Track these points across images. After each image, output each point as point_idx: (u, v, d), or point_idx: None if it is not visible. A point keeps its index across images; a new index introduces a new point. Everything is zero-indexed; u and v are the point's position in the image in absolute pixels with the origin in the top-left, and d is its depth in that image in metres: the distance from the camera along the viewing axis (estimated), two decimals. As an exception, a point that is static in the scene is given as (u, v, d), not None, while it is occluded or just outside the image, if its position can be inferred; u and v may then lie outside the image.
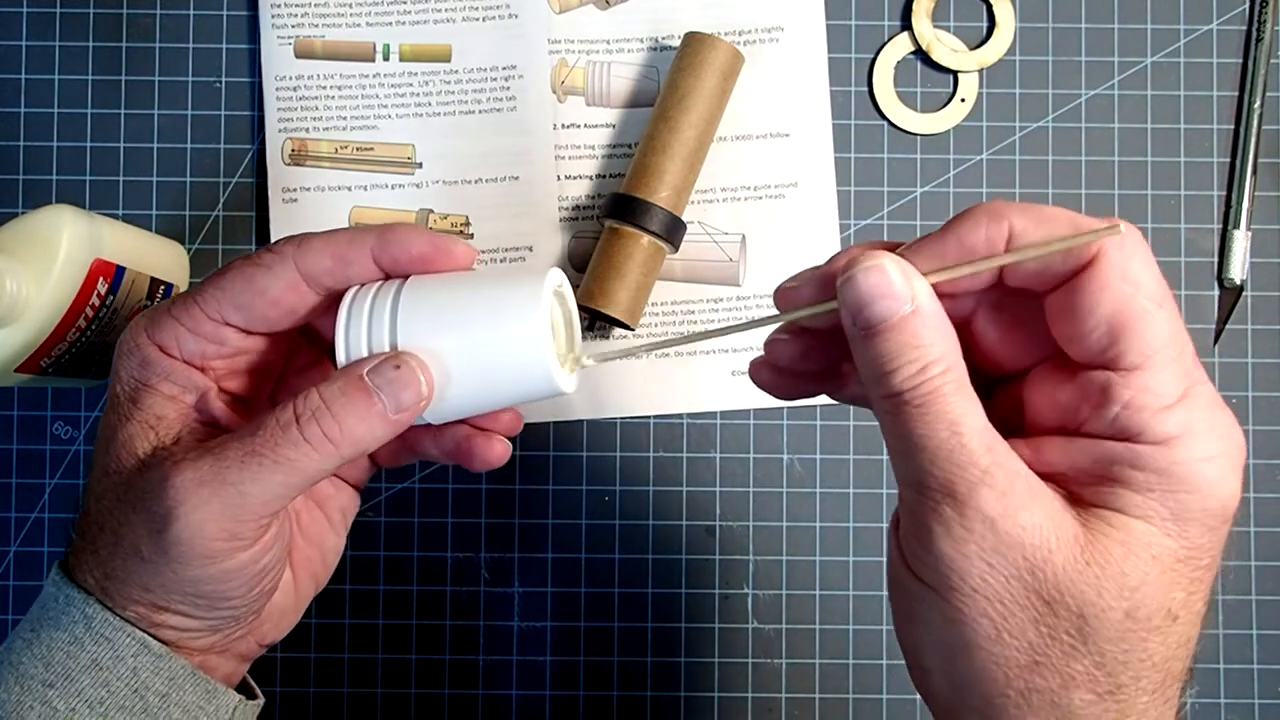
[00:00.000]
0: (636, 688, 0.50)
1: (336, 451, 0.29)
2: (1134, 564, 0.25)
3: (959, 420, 0.25)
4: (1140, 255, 0.25)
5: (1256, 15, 0.51)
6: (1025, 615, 0.25)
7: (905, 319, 0.26)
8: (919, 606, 0.26)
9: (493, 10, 0.51)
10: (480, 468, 0.35)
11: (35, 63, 0.51)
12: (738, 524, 0.50)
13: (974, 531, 0.25)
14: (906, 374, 0.25)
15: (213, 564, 0.30)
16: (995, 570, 0.25)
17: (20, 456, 0.50)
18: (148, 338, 0.32)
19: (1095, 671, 0.25)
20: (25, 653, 0.31)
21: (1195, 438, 0.25)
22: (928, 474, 0.25)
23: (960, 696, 0.26)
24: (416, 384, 0.29)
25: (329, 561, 0.37)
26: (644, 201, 0.47)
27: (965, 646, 0.25)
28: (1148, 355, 0.25)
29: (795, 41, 0.51)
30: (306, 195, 0.51)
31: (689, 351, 0.50)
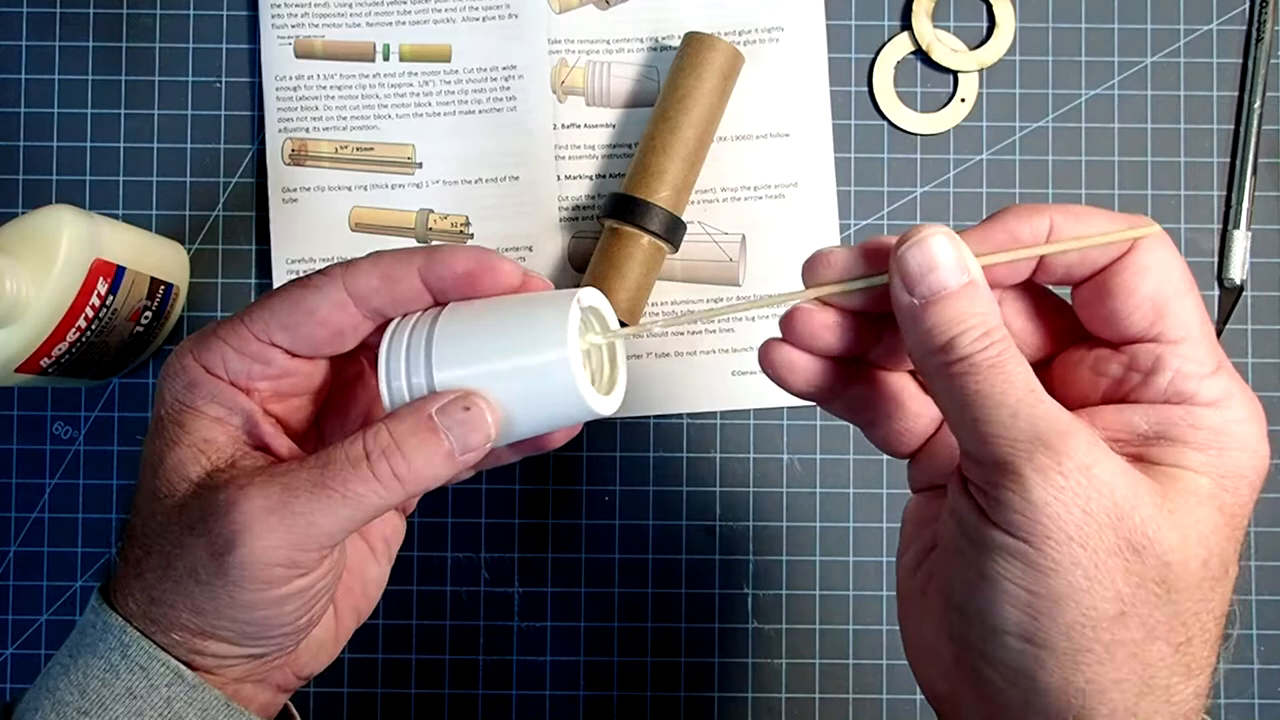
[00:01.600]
0: (636, 688, 0.50)
1: (402, 489, 0.29)
2: (1205, 514, 0.26)
3: (1031, 381, 0.26)
4: (1170, 247, 0.28)
5: (1256, 15, 0.51)
6: (1116, 563, 0.25)
7: (965, 287, 0.27)
8: (999, 563, 0.26)
9: (493, 10, 0.51)
10: (558, 442, 0.35)
11: (35, 63, 0.51)
12: (738, 524, 0.50)
13: (1070, 477, 0.25)
14: (972, 336, 0.26)
15: (269, 590, 0.30)
16: (1091, 517, 0.25)
17: (20, 456, 0.50)
18: (193, 359, 0.32)
19: (1173, 621, 0.25)
20: (62, 679, 0.31)
21: (1235, 402, 0.27)
22: (1013, 427, 0.26)
23: (1037, 656, 0.26)
24: (485, 426, 0.29)
25: (370, 593, 0.37)
26: (644, 201, 0.47)
27: (1055, 598, 0.25)
28: (1189, 329, 0.27)
29: (795, 41, 0.51)
30: (306, 195, 0.51)
31: (689, 351, 0.50)
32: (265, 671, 0.34)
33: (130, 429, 0.50)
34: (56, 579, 0.50)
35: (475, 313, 0.31)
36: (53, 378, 0.45)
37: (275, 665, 0.34)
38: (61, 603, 0.50)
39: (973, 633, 0.27)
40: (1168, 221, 0.51)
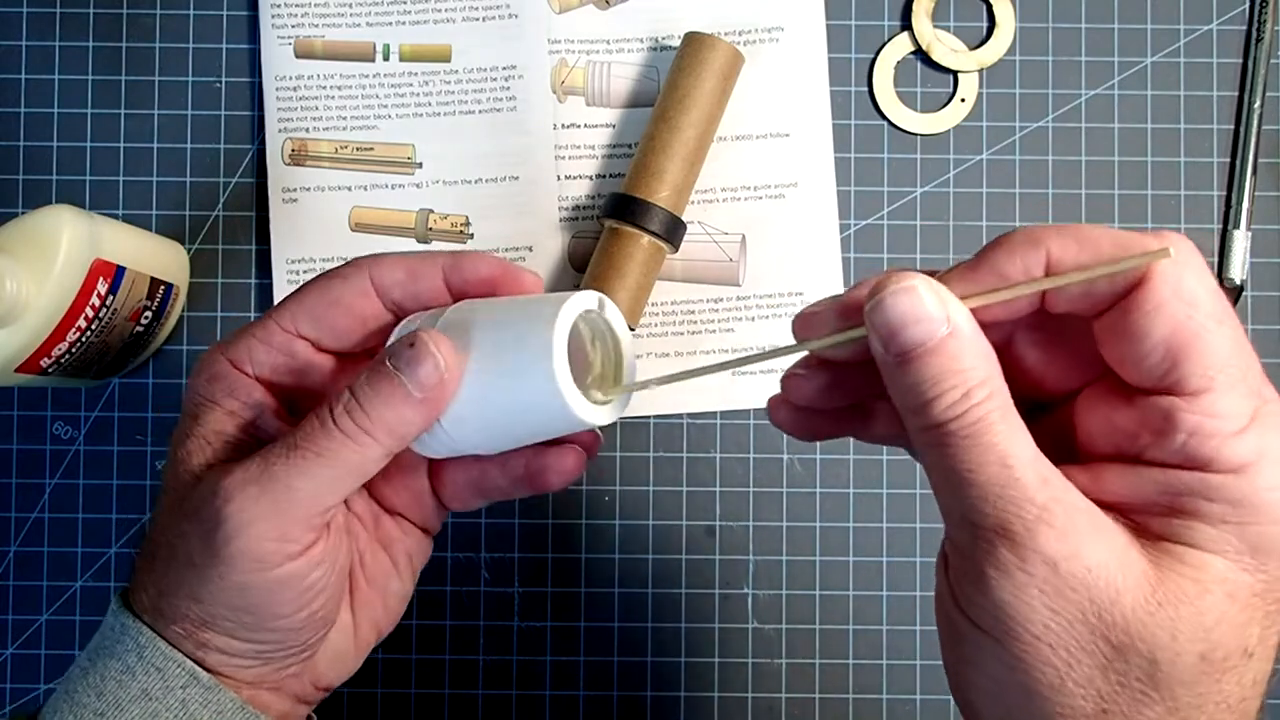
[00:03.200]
0: (636, 688, 0.50)
1: (372, 440, 0.29)
2: (1210, 603, 0.23)
3: (1009, 451, 0.23)
4: (1194, 270, 0.23)
5: (1256, 15, 0.51)
6: (1092, 662, 0.23)
7: (942, 342, 0.24)
8: (973, 651, 0.25)
9: (493, 10, 0.51)
10: (557, 482, 0.34)
11: (35, 63, 0.51)
12: (738, 524, 0.50)
13: (1035, 576, 0.23)
14: (948, 401, 0.24)
15: (261, 570, 0.30)
16: (1059, 616, 0.23)
17: (20, 456, 0.50)
18: (221, 353, 0.32)
19: (1168, 718, 0.23)
20: (80, 681, 0.32)
21: (1271, 463, 0.23)
22: (979, 512, 0.24)
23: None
24: (432, 357, 0.29)
25: (392, 607, 0.37)
26: (644, 201, 0.47)
27: (1026, 694, 0.24)
28: (1211, 377, 0.23)
29: (795, 41, 0.51)
30: (306, 195, 0.51)
31: (689, 351, 0.50)
32: (280, 679, 0.34)
33: (130, 429, 0.50)
34: (56, 579, 0.50)
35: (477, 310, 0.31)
36: (53, 378, 0.45)
37: (291, 673, 0.34)
38: (61, 603, 0.50)
39: (964, 709, 0.27)
40: (1168, 222, 0.51)
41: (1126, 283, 0.24)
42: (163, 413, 0.50)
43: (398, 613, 0.37)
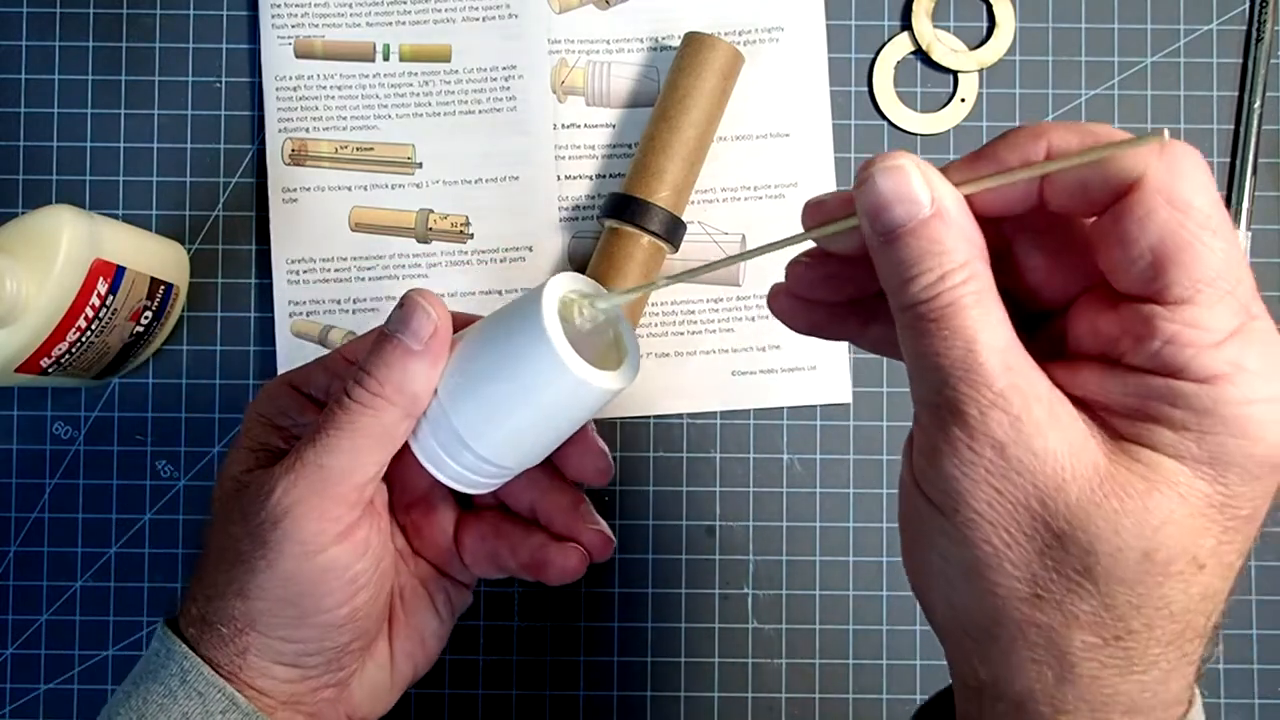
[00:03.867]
0: (636, 688, 0.50)
1: (386, 402, 0.31)
2: (1158, 501, 0.23)
3: (976, 337, 0.23)
4: (1190, 176, 0.23)
5: (1256, 15, 0.51)
6: (1031, 546, 0.23)
7: (925, 222, 0.24)
8: (925, 527, 0.25)
9: (493, 10, 0.51)
10: (556, 579, 0.36)
11: (35, 63, 0.51)
12: (738, 524, 0.50)
13: (981, 456, 0.23)
14: (924, 282, 0.24)
15: (306, 555, 0.31)
16: (1002, 497, 0.23)
17: (20, 456, 0.50)
18: (284, 378, 0.35)
19: (1102, 614, 0.23)
20: (123, 705, 0.32)
21: (1247, 377, 0.22)
22: (940, 394, 0.24)
23: (958, 622, 0.25)
24: (421, 308, 0.31)
25: (429, 645, 0.37)
26: (644, 201, 0.47)
27: (966, 571, 0.24)
28: (1197, 288, 0.22)
29: (795, 41, 0.51)
30: (306, 195, 0.51)
31: (689, 351, 0.50)
32: (316, 703, 0.34)
33: (130, 429, 0.50)
34: (56, 579, 0.50)
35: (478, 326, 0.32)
36: (53, 378, 0.45)
37: (326, 696, 0.34)
38: (61, 603, 0.50)
39: (916, 591, 0.27)
40: (1168, 221, 0.51)
41: (1121, 184, 0.23)
42: (163, 413, 0.50)
43: (435, 652, 0.38)
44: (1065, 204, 0.25)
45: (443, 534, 0.37)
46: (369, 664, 0.36)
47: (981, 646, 0.25)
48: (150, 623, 0.50)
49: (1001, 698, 0.25)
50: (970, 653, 0.25)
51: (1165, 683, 0.24)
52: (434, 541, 0.37)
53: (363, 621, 0.33)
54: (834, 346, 0.50)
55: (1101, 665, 0.24)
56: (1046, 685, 0.24)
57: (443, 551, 0.37)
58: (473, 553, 0.37)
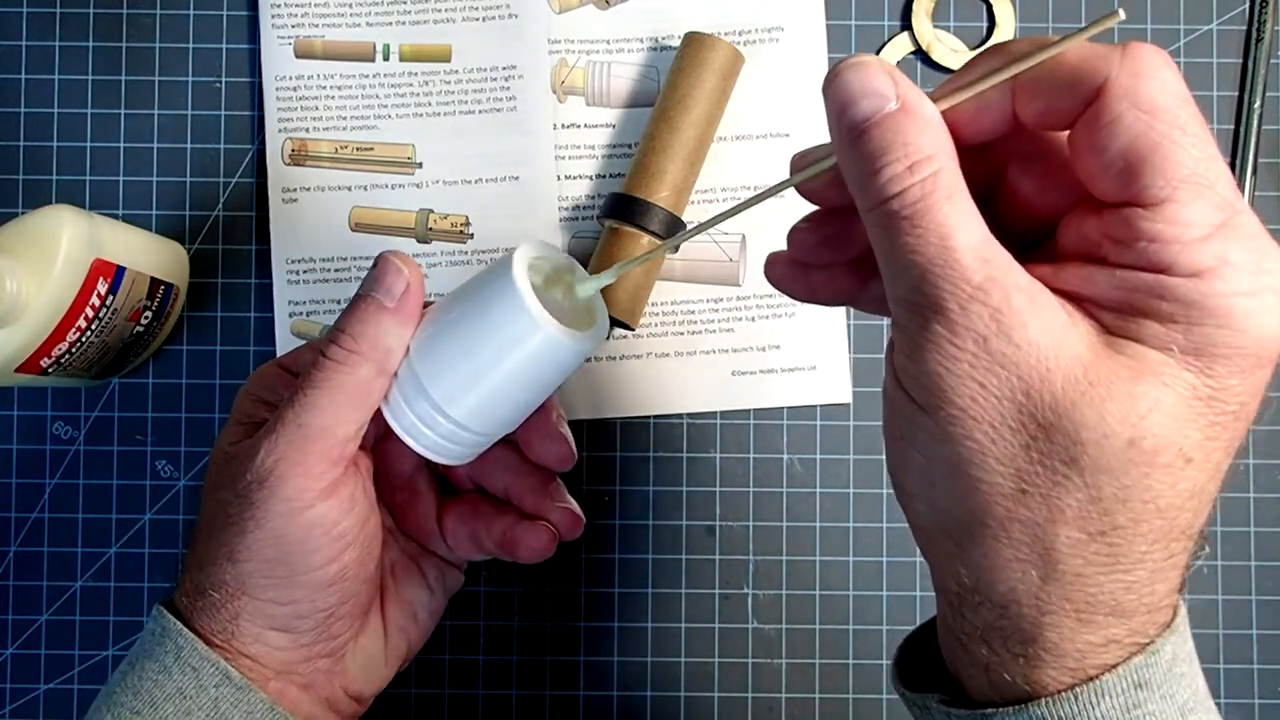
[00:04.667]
0: (637, 688, 0.50)
1: (361, 357, 0.31)
2: (1143, 389, 0.22)
3: (950, 232, 0.23)
4: (1154, 76, 0.23)
5: (1256, 15, 0.51)
6: (1015, 439, 0.23)
7: (891, 115, 0.24)
8: (907, 426, 0.25)
9: (493, 10, 0.51)
10: (527, 557, 0.37)
11: (35, 63, 0.51)
12: (738, 524, 0.50)
13: (964, 350, 0.23)
14: (892, 174, 0.23)
15: (293, 513, 0.31)
16: (986, 390, 0.23)
17: (20, 456, 0.50)
18: (274, 361, 0.36)
19: (1089, 507, 0.23)
20: (120, 684, 0.33)
21: (1232, 270, 0.22)
22: (919, 291, 0.23)
23: (939, 522, 0.25)
24: (393, 265, 0.32)
25: (422, 619, 0.38)
26: (644, 201, 0.47)
27: (949, 469, 0.24)
28: (1174, 186, 0.22)
29: (795, 41, 0.51)
30: (306, 195, 0.51)
31: (689, 351, 0.50)
32: (309, 673, 0.34)
33: (130, 429, 0.50)
34: (56, 579, 0.50)
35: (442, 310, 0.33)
36: (53, 378, 0.45)
37: (320, 667, 0.35)
38: (61, 603, 0.50)
39: (898, 491, 0.27)
40: (1168, 221, 0.51)
41: (1087, 91, 0.23)
42: (163, 413, 0.50)
43: (428, 627, 0.39)
44: (1038, 119, 0.25)
45: (426, 517, 0.38)
46: (362, 637, 0.36)
47: (964, 548, 0.25)
48: (150, 623, 0.50)
49: (985, 601, 0.25)
50: (953, 555, 0.25)
51: (1151, 584, 0.24)
52: (418, 524, 0.38)
53: (351, 583, 0.33)
54: (834, 346, 0.50)
55: (1086, 562, 0.23)
56: (1031, 585, 0.24)
57: (427, 534, 0.38)
58: (454, 534, 0.38)
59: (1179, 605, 0.25)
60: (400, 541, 0.39)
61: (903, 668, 0.30)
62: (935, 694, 0.27)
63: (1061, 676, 0.24)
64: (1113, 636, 0.24)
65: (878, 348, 0.51)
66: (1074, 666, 0.24)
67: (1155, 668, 0.24)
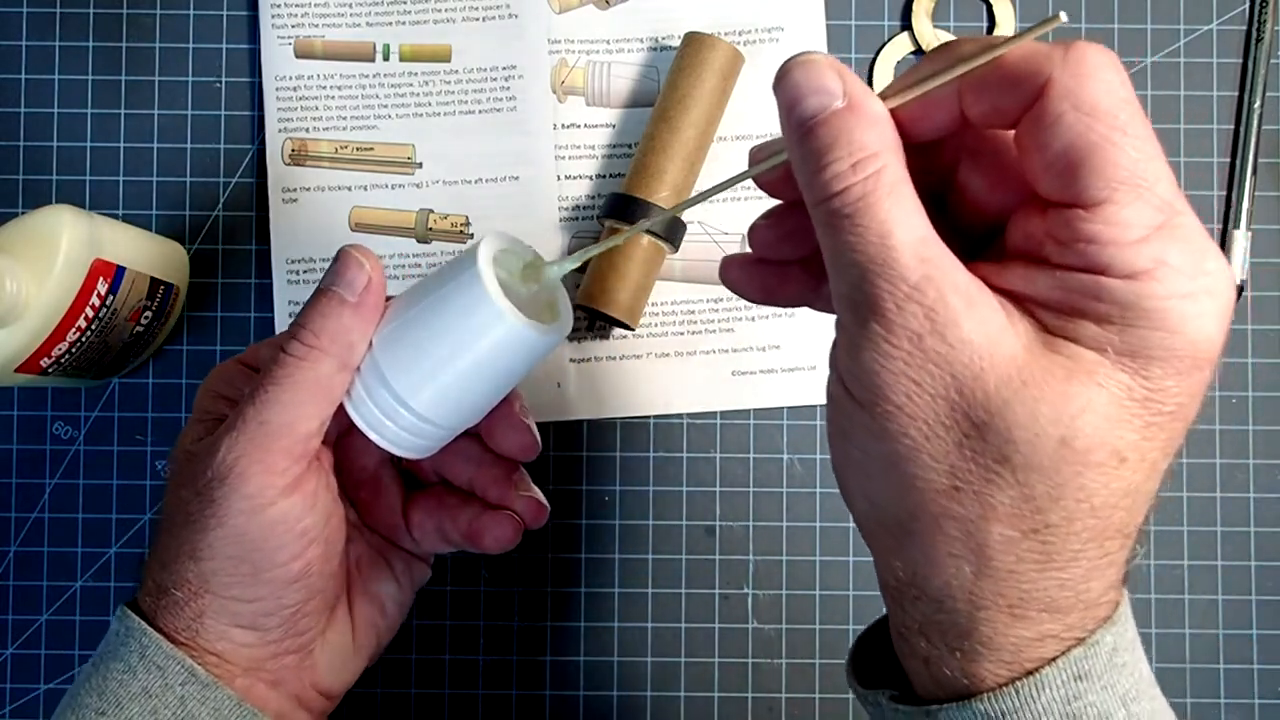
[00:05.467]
0: (637, 688, 0.50)
1: (322, 353, 0.31)
2: (1076, 389, 0.23)
3: (891, 230, 0.23)
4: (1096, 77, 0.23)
5: (1256, 15, 0.51)
6: (949, 437, 0.23)
7: (836, 114, 0.24)
8: (847, 423, 0.25)
9: (493, 10, 0.51)
10: (493, 547, 0.36)
11: (35, 63, 0.51)
12: (738, 524, 0.50)
13: (899, 348, 0.23)
14: (835, 171, 0.24)
15: (254, 510, 0.31)
16: (920, 388, 0.23)
17: (20, 456, 0.50)
18: (235, 359, 0.36)
19: (1021, 505, 0.23)
20: (84, 685, 0.33)
21: (1170, 273, 0.22)
22: (858, 289, 0.24)
23: (878, 517, 0.25)
24: (354, 260, 0.32)
25: (390, 612, 0.38)
26: (644, 201, 0.47)
27: (884, 464, 0.24)
28: (1112, 188, 0.22)
29: (795, 41, 0.51)
30: (306, 195, 0.51)
31: (689, 351, 0.50)
32: (277, 669, 0.34)
33: (130, 429, 0.50)
34: (56, 579, 0.50)
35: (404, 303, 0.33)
36: (53, 378, 0.45)
37: (287, 664, 0.34)
38: (62, 603, 0.50)
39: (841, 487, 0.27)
40: (1168, 221, 0.51)
41: (1031, 90, 0.23)
42: (163, 413, 0.50)
43: (396, 620, 0.38)
44: (984, 118, 0.25)
45: (392, 511, 0.38)
46: (330, 632, 0.36)
47: (900, 543, 0.25)
48: (150, 623, 0.50)
49: (922, 595, 0.25)
50: (891, 550, 0.26)
51: (1086, 581, 0.24)
52: (384, 519, 0.38)
53: (316, 580, 0.33)
54: (834, 346, 0.50)
55: (1019, 559, 0.24)
56: (964, 580, 0.24)
57: (394, 528, 0.38)
58: (420, 527, 0.38)
59: (1121, 599, 0.26)
60: (366, 536, 0.38)
61: (857, 664, 0.30)
62: (885, 690, 0.27)
63: (999, 670, 0.24)
64: (1048, 632, 0.24)
65: (878, 348, 0.51)
66: (1010, 660, 0.24)
67: (1095, 659, 0.24)
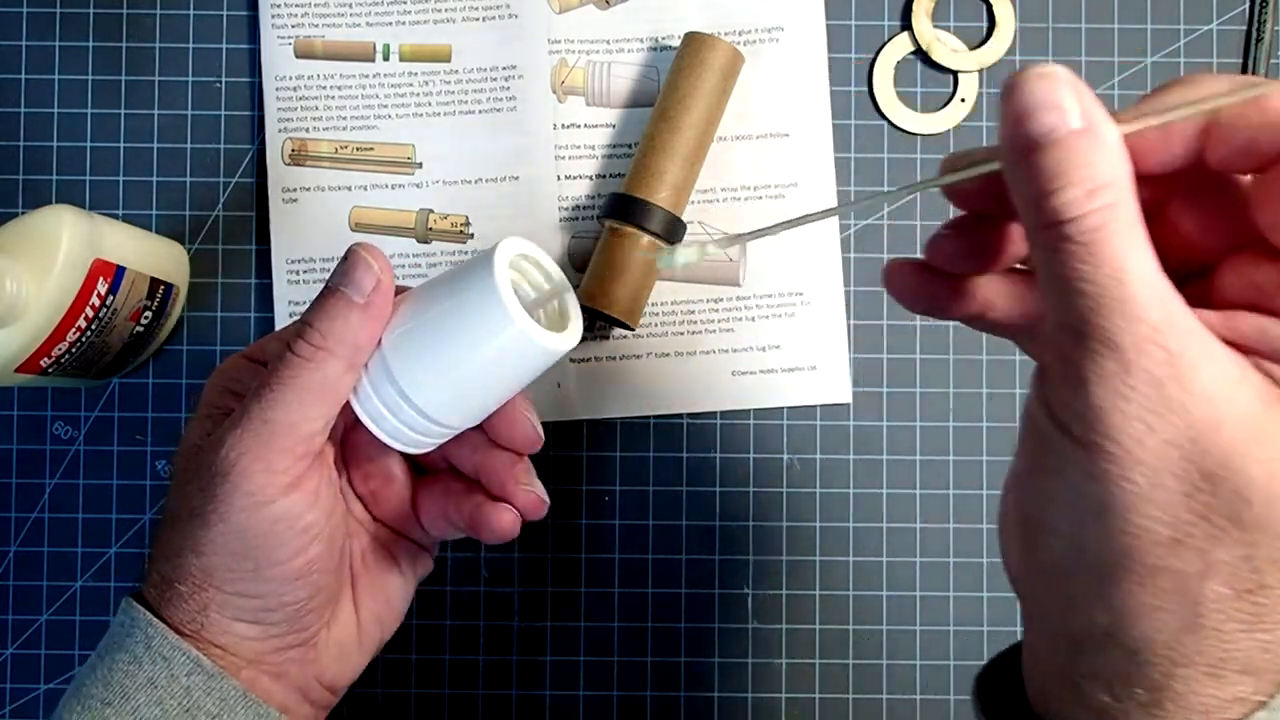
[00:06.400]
0: (636, 688, 0.50)
1: (329, 354, 0.31)
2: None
3: (1126, 265, 0.22)
4: None
5: (1256, 15, 0.51)
6: (1178, 487, 0.22)
7: (1074, 135, 0.22)
8: (1055, 459, 0.24)
9: (493, 10, 0.51)
10: (489, 537, 0.36)
11: (35, 63, 0.51)
12: (738, 524, 0.50)
13: (1136, 391, 0.22)
14: (1068, 198, 0.22)
15: (256, 506, 0.31)
16: (1154, 434, 0.22)
17: (20, 456, 0.50)
18: (240, 354, 0.35)
19: (1241, 565, 0.22)
20: (89, 676, 0.33)
21: None
22: (1088, 322, 0.22)
23: (1078, 558, 0.24)
24: (364, 261, 0.31)
25: (394, 604, 0.38)
26: (644, 201, 0.47)
27: (1100, 509, 0.23)
28: None
29: (795, 41, 0.51)
30: (306, 195, 0.51)
31: (689, 351, 0.50)
32: (280, 662, 0.34)
33: (130, 429, 0.50)
34: (56, 579, 0.50)
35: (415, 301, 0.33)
36: (53, 378, 0.45)
37: (291, 657, 0.34)
38: (62, 603, 0.50)
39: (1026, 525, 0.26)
40: (1168, 221, 0.51)
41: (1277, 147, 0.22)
42: (163, 413, 0.50)
43: (400, 612, 0.39)
44: (1228, 160, 0.24)
45: (401, 500, 0.38)
46: (335, 626, 0.36)
47: (1102, 589, 0.24)
48: (150, 623, 0.50)
49: (1116, 645, 0.24)
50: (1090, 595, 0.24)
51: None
52: (393, 509, 0.38)
53: (318, 576, 0.33)
54: (834, 346, 0.50)
55: (1227, 618, 0.23)
56: (1167, 634, 0.23)
57: (402, 517, 0.38)
58: (428, 514, 0.38)
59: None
60: (371, 530, 0.38)
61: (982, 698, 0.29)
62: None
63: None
64: (1239, 694, 0.24)
65: (878, 348, 0.51)
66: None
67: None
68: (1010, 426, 0.50)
